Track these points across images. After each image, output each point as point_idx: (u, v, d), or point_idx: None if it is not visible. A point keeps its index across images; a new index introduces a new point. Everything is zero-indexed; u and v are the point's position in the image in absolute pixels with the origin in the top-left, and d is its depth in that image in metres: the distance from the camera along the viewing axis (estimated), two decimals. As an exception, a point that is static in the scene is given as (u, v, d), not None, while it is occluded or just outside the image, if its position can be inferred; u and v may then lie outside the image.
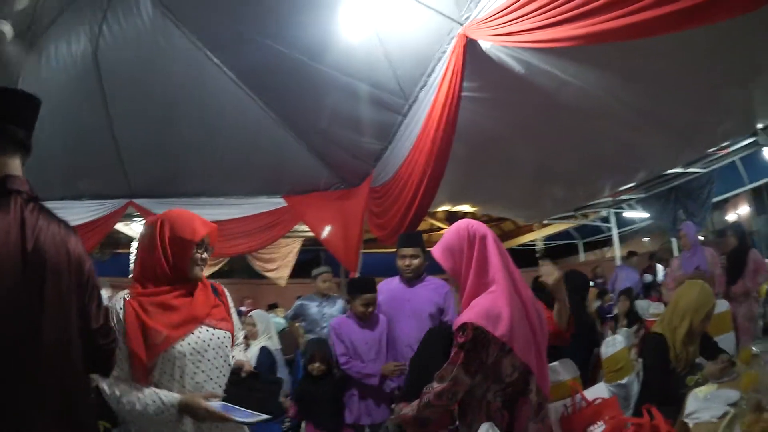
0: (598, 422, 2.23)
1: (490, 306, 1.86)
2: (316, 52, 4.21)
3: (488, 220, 10.27)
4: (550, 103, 3.91)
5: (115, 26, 4.45)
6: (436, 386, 1.90)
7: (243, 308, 11.34)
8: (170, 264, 1.89)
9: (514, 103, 4.05)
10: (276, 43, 4.24)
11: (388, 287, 3.59)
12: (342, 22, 3.88)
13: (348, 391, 3.46)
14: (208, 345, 1.89)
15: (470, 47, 3.18)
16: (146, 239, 1.98)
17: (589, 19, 2.03)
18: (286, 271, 11.38)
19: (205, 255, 1.98)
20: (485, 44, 3.17)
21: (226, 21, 4.39)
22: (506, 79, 3.51)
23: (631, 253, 9.61)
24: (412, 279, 3.45)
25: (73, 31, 4.42)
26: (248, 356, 4.21)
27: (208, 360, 1.89)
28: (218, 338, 1.93)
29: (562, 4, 2.17)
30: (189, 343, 1.84)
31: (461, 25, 3.25)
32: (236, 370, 1.99)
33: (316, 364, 3.55)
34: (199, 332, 1.88)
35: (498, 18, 2.65)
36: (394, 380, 3.33)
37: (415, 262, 3.38)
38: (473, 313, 1.86)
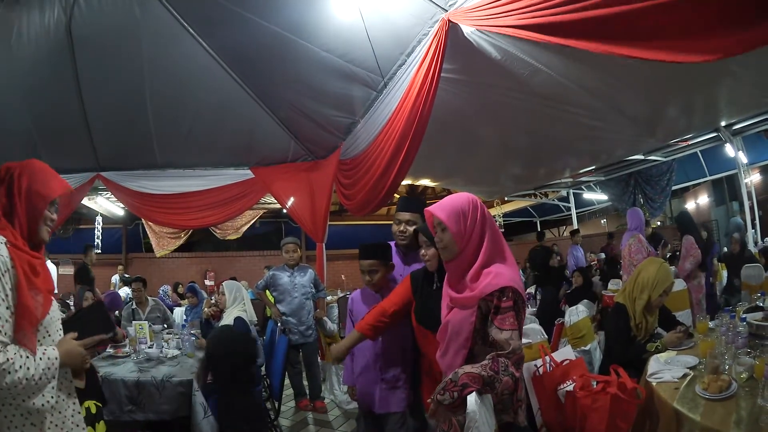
0: (568, 381, 2.47)
1: (511, 273, 1.90)
2: (296, 27, 4.17)
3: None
4: (520, 88, 4.07)
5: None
6: (507, 357, 1.79)
7: (206, 281, 11.35)
8: (21, 222, 1.72)
9: (485, 85, 4.17)
10: (256, 16, 4.18)
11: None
12: (326, -2, 3.84)
13: None
14: (55, 316, 1.80)
15: (452, 32, 3.29)
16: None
17: (574, 27, 2.17)
18: (234, 235, 11.70)
19: (54, 216, 1.84)
20: (466, 29, 3.28)
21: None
22: (482, 62, 3.63)
23: (573, 232, 10.04)
24: (408, 249, 2.99)
25: (47, 0, 4.19)
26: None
27: (57, 330, 1.79)
28: (58, 309, 1.86)
29: (546, 7, 2.30)
30: (50, 312, 1.72)
31: (445, 10, 3.36)
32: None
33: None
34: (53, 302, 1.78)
35: (484, 10, 2.77)
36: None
37: (411, 228, 2.89)
38: (505, 279, 1.86)
